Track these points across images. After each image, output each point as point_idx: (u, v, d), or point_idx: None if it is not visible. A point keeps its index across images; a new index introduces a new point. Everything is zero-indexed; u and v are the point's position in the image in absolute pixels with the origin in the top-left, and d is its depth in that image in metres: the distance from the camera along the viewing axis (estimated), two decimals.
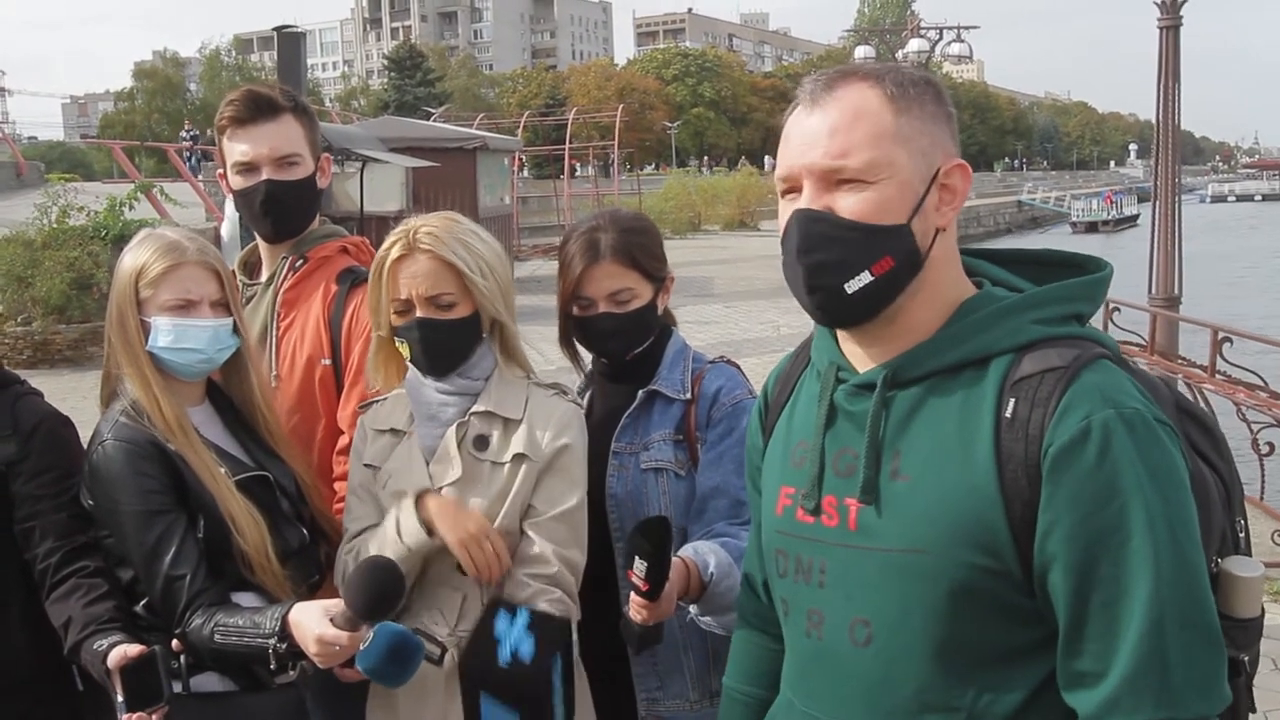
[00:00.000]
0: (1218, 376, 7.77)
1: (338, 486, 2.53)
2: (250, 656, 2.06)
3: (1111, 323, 9.08)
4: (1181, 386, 7.60)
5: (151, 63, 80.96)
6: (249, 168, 2.62)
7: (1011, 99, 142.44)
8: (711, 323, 15.50)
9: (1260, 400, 7.35)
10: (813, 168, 1.49)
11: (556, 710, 2.23)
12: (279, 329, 2.66)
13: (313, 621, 1.98)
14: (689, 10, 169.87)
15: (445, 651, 2.15)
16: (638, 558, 1.90)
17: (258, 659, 2.05)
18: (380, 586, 1.94)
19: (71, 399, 7.23)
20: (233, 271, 2.47)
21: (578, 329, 2.45)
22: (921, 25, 31.05)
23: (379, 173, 15.24)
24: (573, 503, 2.25)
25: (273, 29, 15.59)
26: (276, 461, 2.34)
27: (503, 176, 21.20)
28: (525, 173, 45.34)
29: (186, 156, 27.41)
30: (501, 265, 2.31)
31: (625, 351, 2.44)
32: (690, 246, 28.52)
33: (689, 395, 2.42)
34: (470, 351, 2.30)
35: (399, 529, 2.20)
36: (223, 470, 2.22)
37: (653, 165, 77.01)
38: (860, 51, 28.69)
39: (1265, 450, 6.98)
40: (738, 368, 2.52)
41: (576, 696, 2.28)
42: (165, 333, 2.22)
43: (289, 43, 14.82)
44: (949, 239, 1.53)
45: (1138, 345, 8.93)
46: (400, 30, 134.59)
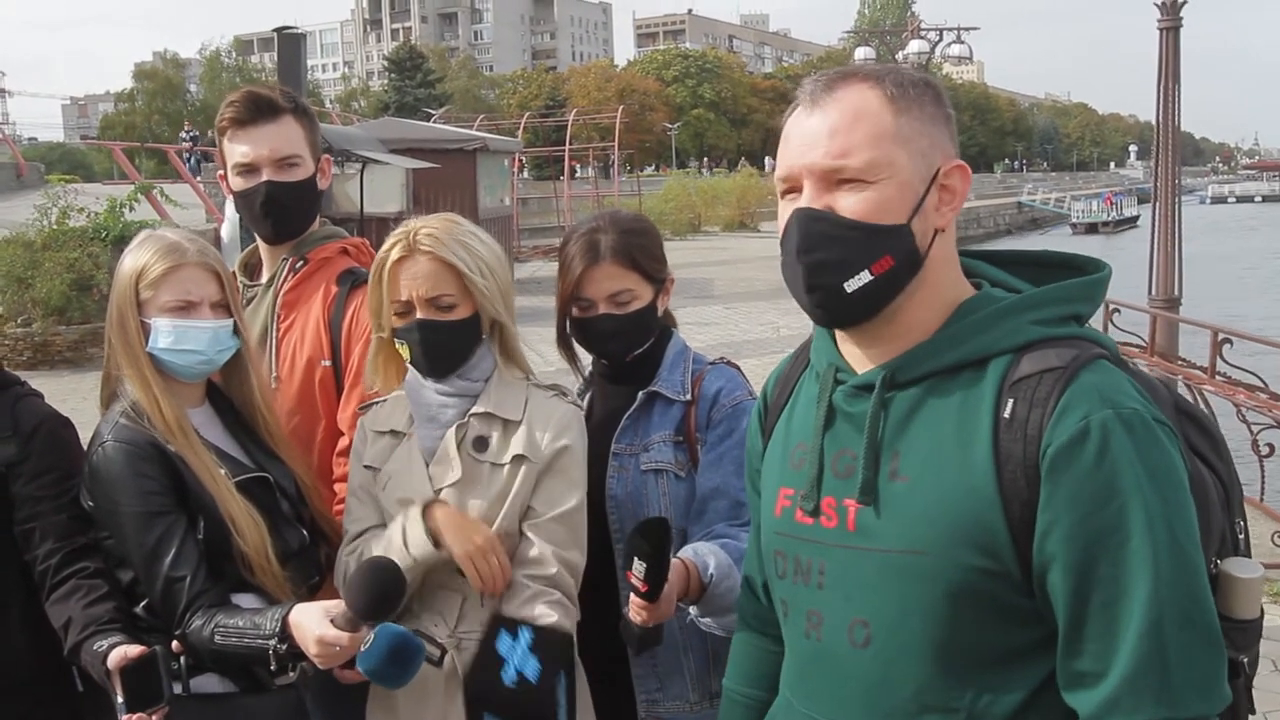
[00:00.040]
0: (1218, 378, 7.76)
1: (338, 488, 2.53)
2: (250, 658, 2.06)
3: (1111, 324, 9.08)
4: (1181, 388, 7.59)
5: (152, 64, 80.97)
6: (249, 169, 2.62)
7: (1011, 100, 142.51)
8: (711, 324, 15.49)
9: (1260, 401, 7.35)
10: (813, 168, 1.49)
11: None
12: (279, 330, 2.66)
13: (313, 622, 1.99)
14: (689, 11, 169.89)
15: (445, 653, 2.15)
16: (637, 559, 1.90)
17: (258, 660, 2.05)
18: (382, 587, 1.94)
19: (71, 400, 7.23)
20: (233, 273, 2.47)
21: (578, 330, 2.45)
22: (921, 26, 31.06)
23: (379, 174, 15.25)
24: (572, 504, 2.25)
25: (273, 30, 15.58)
26: (276, 463, 2.34)
27: (503, 178, 21.20)
28: (525, 174, 45.36)
29: (186, 157, 27.39)
30: (501, 266, 2.32)
31: (625, 353, 2.44)
32: (690, 248, 28.52)
33: (689, 396, 2.42)
34: (470, 353, 2.30)
35: (405, 539, 2.19)
36: (223, 471, 2.22)
37: (653, 166, 77.09)
38: (860, 53, 28.67)
39: (1265, 451, 6.96)
40: (738, 369, 2.52)
41: (577, 700, 2.28)
42: (165, 334, 2.22)
43: (289, 44, 14.81)
44: (948, 240, 1.54)
45: (1138, 346, 8.93)
46: (400, 31, 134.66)
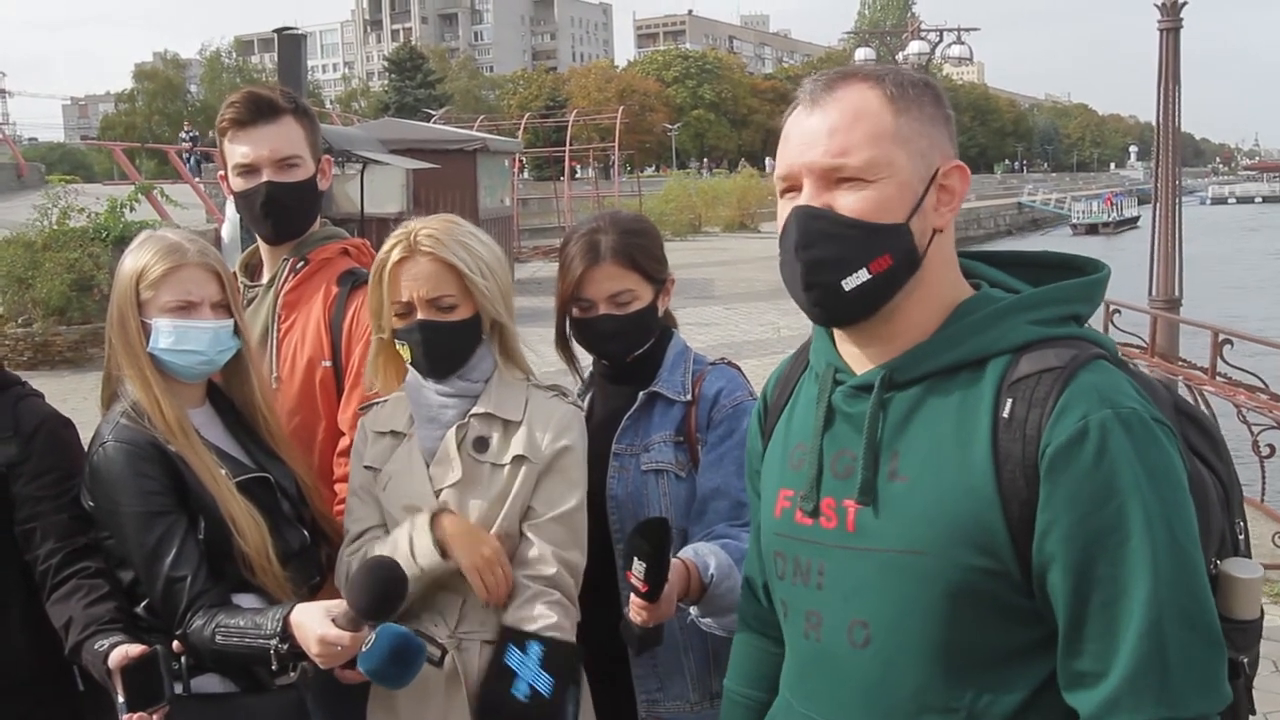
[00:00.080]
0: (1218, 378, 7.75)
1: (338, 488, 2.53)
2: (251, 657, 2.06)
3: (1112, 324, 9.06)
4: (1182, 389, 7.59)
5: (152, 64, 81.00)
6: (250, 169, 2.62)
7: (1012, 101, 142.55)
8: (712, 324, 15.49)
9: (1261, 402, 7.33)
10: (812, 166, 1.49)
11: None
12: (280, 331, 2.66)
13: (314, 622, 1.99)
14: (689, 12, 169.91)
15: (445, 653, 2.15)
16: (637, 559, 1.90)
17: (259, 660, 2.05)
18: (383, 587, 1.94)
19: (72, 400, 7.23)
20: (234, 273, 2.47)
21: (578, 330, 2.45)
22: (922, 27, 31.07)
23: (379, 174, 15.26)
24: (572, 504, 2.25)
25: (273, 30, 15.58)
26: (277, 463, 2.35)
27: (503, 178, 21.20)
28: (525, 174, 45.38)
29: (186, 158, 27.40)
30: (501, 267, 2.32)
31: (625, 353, 2.44)
32: (690, 248, 28.50)
33: (689, 397, 2.42)
34: (470, 354, 2.30)
35: (413, 548, 2.19)
36: (223, 472, 2.22)
37: (653, 167, 77.10)
38: (860, 53, 28.66)
39: (1266, 452, 6.95)
40: (738, 369, 2.52)
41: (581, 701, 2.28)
42: (166, 334, 2.22)
43: (289, 44, 14.82)
44: (947, 240, 1.54)
45: (1138, 347, 8.92)
46: (400, 32, 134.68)
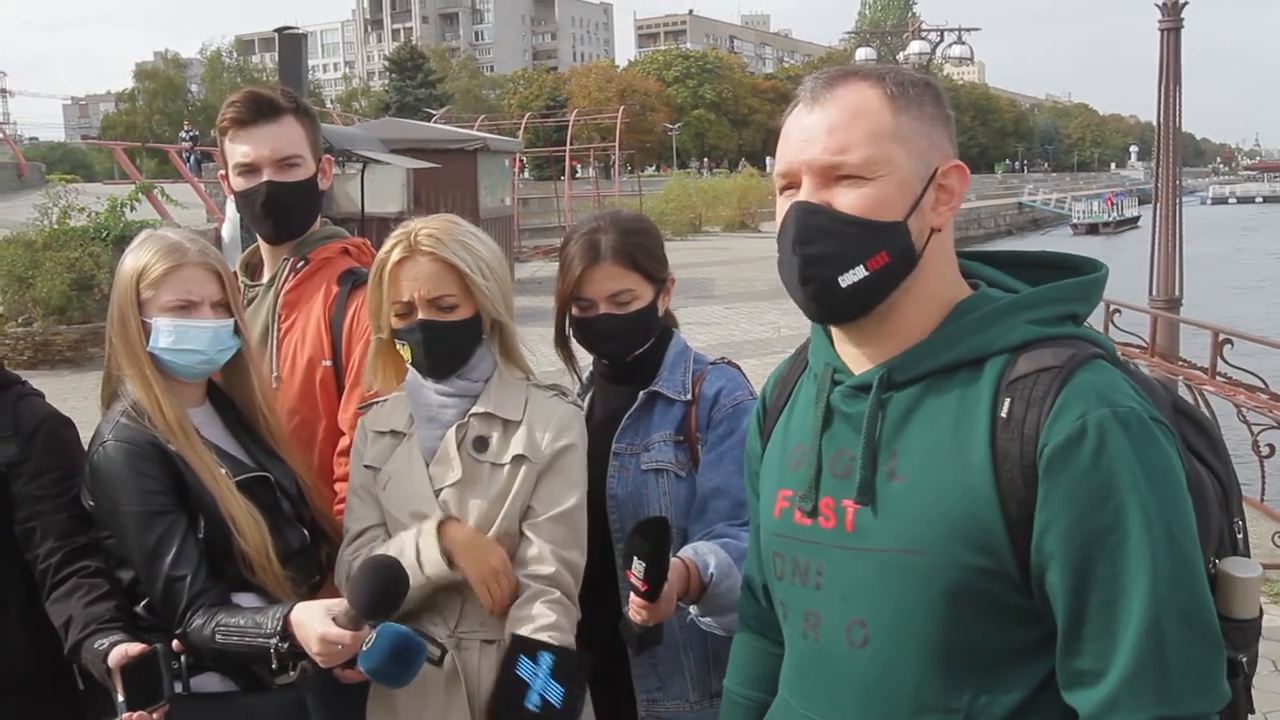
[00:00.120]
0: (1218, 378, 7.75)
1: (338, 488, 2.53)
2: (251, 656, 2.06)
3: (1112, 324, 9.06)
4: (1182, 389, 7.59)
5: (152, 64, 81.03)
6: (250, 169, 2.62)
7: (1012, 101, 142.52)
8: (712, 324, 15.49)
9: (1261, 402, 7.33)
10: (812, 164, 1.49)
11: None
12: (280, 330, 2.66)
13: (315, 621, 1.99)
14: (690, 12, 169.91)
15: (445, 652, 2.15)
16: (636, 558, 1.90)
17: (259, 659, 2.05)
18: (384, 586, 1.94)
19: (72, 400, 7.23)
20: (234, 273, 2.47)
21: (578, 330, 2.45)
22: (922, 27, 31.06)
23: (380, 174, 15.25)
24: (571, 503, 2.25)
25: (274, 30, 15.60)
26: (277, 462, 2.35)
27: (503, 178, 21.20)
28: (526, 174, 45.38)
29: (186, 157, 27.41)
30: (501, 266, 2.32)
31: (625, 353, 2.44)
32: (691, 248, 28.51)
33: (690, 396, 2.42)
34: (471, 353, 2.31)
35: (420, 558, 2.18)
36: (223, 471, 2.22)
37: (653, 167, 77.11)
38: (861, 53, 28.66)
39: (1266, 452, 6.95)
40: (738, 369, 2.52)
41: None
42: (166, 334, 2.22)
43: (290, 44, 14.83)
44: (945, 240, 1.54)
45: (1138, 347, 8.92)
46: (401, 32, 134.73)
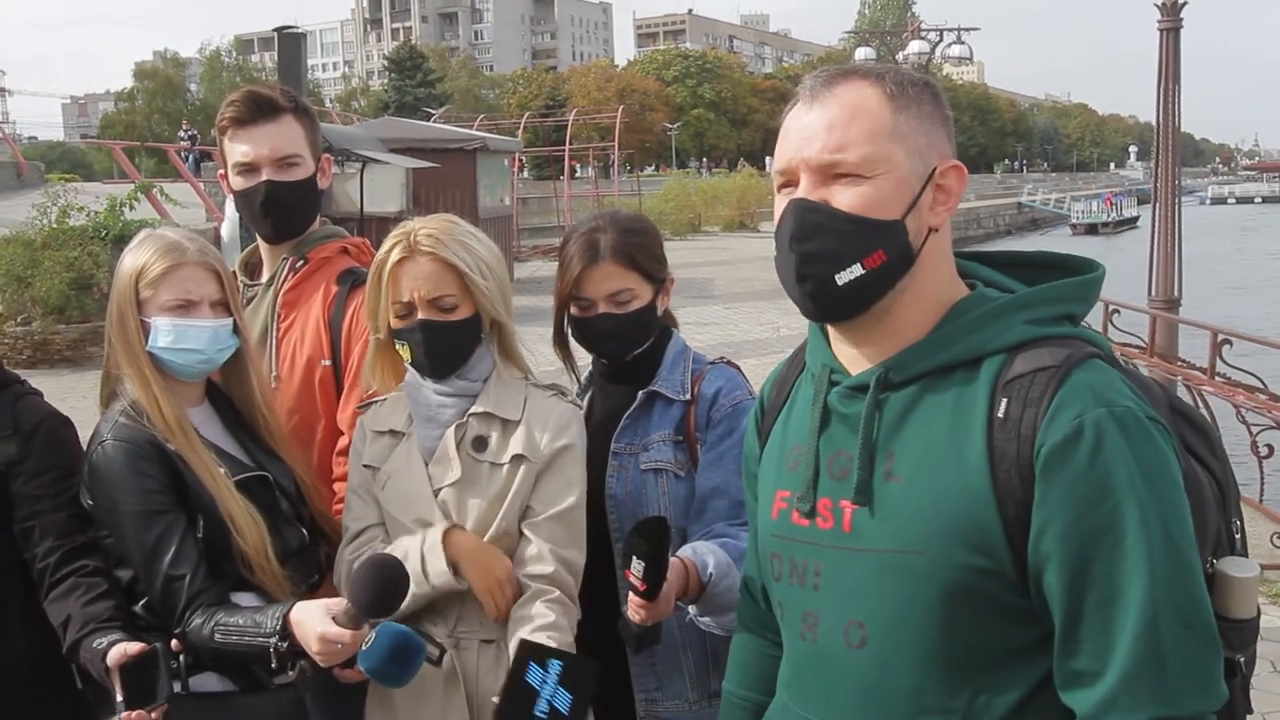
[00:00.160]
0: (1217, 379, 7.75)
1: (337, 487, 2.53)
2: (251, 656, 2.06)
3: (1111, 324, 9.07)
4: (1181, 389, 7.59)
5: (152, 63, 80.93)
6: (249, 168, 2.62)
7: (1012, 101, 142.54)
8: (711, 324, 15.49)
9: (1260, 402, 7.33)
10: (810, 161, 1.49)
11: None
12: (279, 329, 2.66)
13: (315, 620, 1.99)
14: (689, 11, 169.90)
15: (444, 652, 2.15)
16: (635, 558, 1.90)
17: (258, 658, 2.06)
18: (385, 585, 1.94)
19: (71, 399, 7.23)
20: (233, 272, 2.47)
21: (577, 329, 2.45)
22: (922, 27, 31.09)
23: (379, 173, 15.25)
24: (570, 502, 2.25)
25: (273, 29, 15.57)
26: (276, 462, 2.35)
27: (503, 177, 21.20)
28: (525, 174, 45.35)
29: (185, 156, 27.40)
30: (500, 266, 2.32)
31: (625, 352, 2.44)
32: (690, 248, 28.51)
33: (689, 396, 2.42)
34: (470, 353, 2.31)
35: (425, 568, 2.18)
36: (222, 470, 2.22)
37: (653, 166, 77.11)
38: (861, 53, 28.72)
39: (1264, 452, 6.95)
40: (738, 369, 2.52)
41: None
42: (165, 333, 2.22)
43: (289, 43, 14.81)
44: (942, 240, 1.54)
45: (1138, 347, 8.92)
46: (400, 31, 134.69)
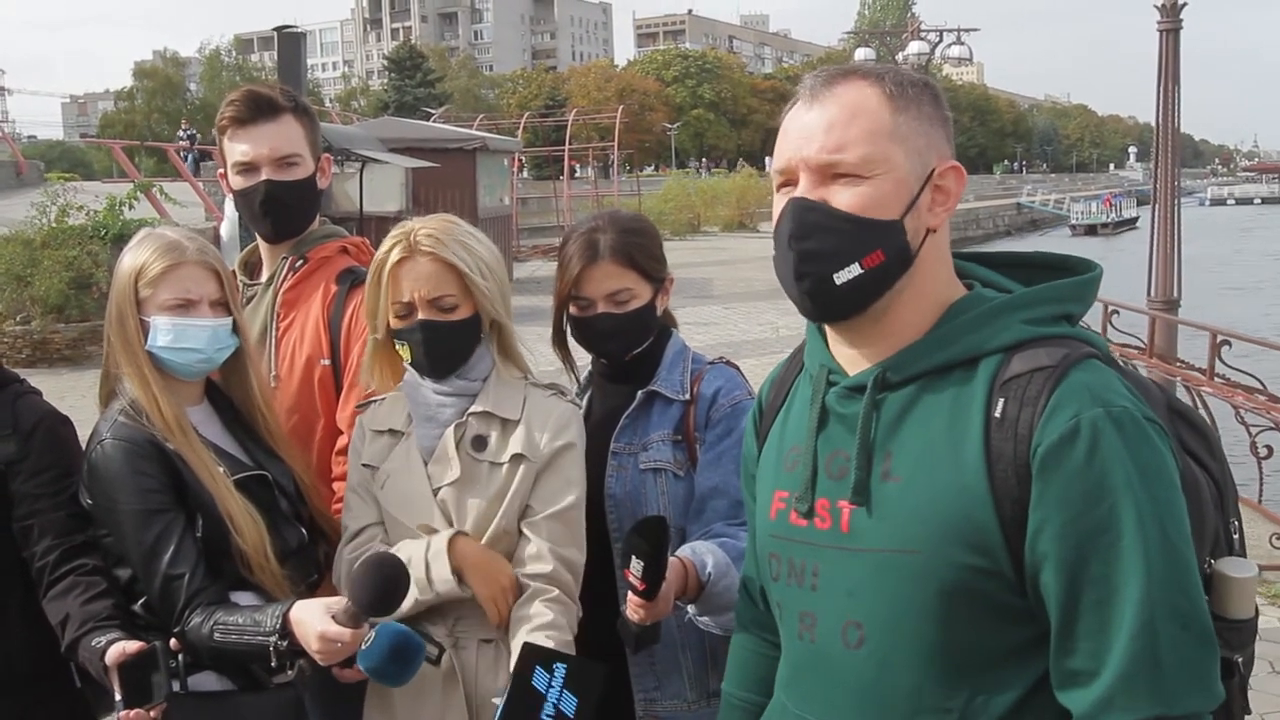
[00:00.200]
0: (1216, 379, 7.75)
1: (337, 486, 2.53)
2: (250, 655, 2.06)
3: (1111, 325, 9.07)
4: (1180, 390, 7.59)
5: (151, 62, 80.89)
6: (249, 168, 2.62)
7: (1011, 101, 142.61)
8: (710, 324, 15.50)
9: (1259, 403, 7.33)
10: (809, 161, 1.49)
11: None
12: (279, 329, 2.66)
13: (315, 618, 1.99)
14: (689, 12, 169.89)
15: (443, 652, 2.15)
16: (635, 557, 1.90)
17: (257, 657, 2.06)
18: (386, 583, 1.94)
19: (70, 398, 7.23)
20: (233, 272, 2.47)
21: (576, 329, 2.45)
22: (921, 27, 31.10)
23: (379, 173, 15.26)
24: (569, 501, 2.25)
25: (273, 29, 15.58)
26: (276, 461, 2.35)
27: (502, 177, 21.20)
28: (525, 174, 45.31)
29: (184, 156, 27.39)
30: (500, 266, 2.32)
31: (624, 352, 2.45)
32: (689, 248, 28.52)
33: (688, 396, 2.42)
34: (470, 353, 2.31)
35: (430, 575, 2.18)
36: (221, 469, 2.22)
37: (652, 166, 77.10)
38: (860, 53, 28.71)
39: (1264, 453, 6.95)
40: (737, 369, 2.52)
41: None
42: (164, 332, 2.22)
43: (289, 43, 14.81)
44: (940, 240, 1.54)
45: (1137, 348, 8.92)
46: (400, 31, 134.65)
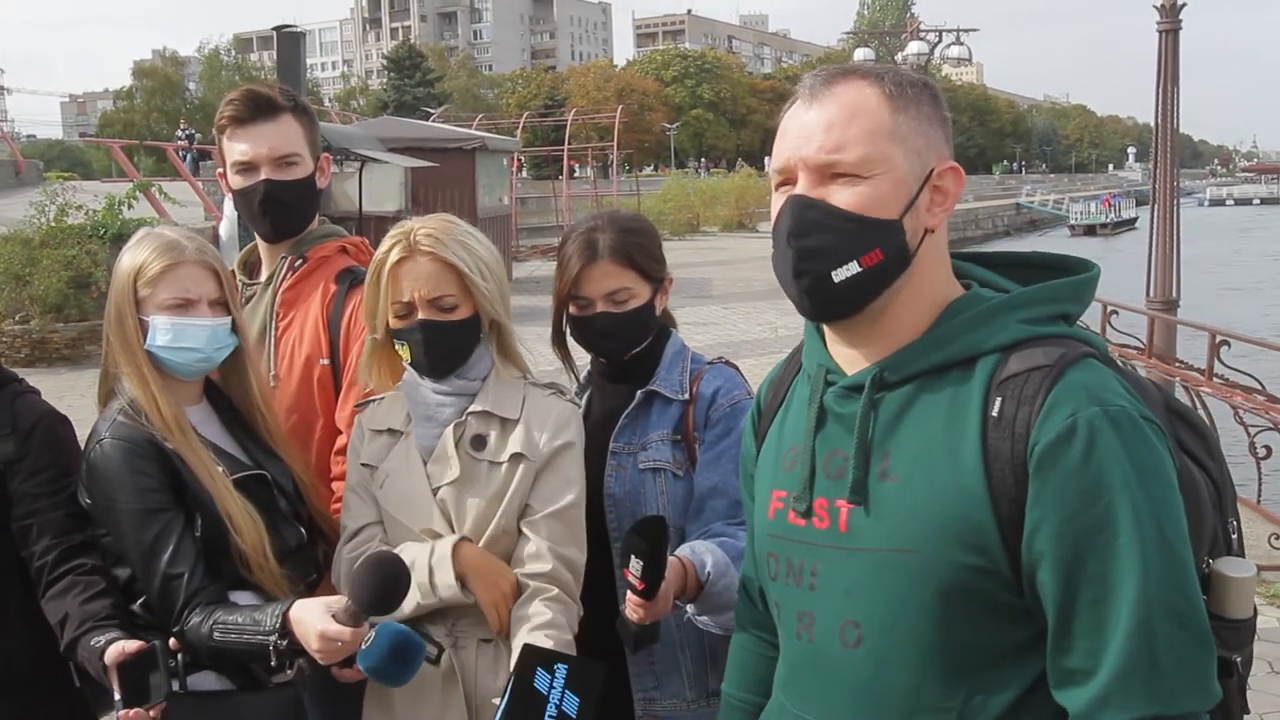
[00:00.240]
0: (1215, 380, 7.76)
1: (336, 486, 2.53)
2: (250, 654, 2.06)
3: (1110, 325, 9.08)
4: (1179, 390, 7.60)
5: (151, 62, 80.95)
6: (248, 167, 2.62)
7: (1010, 102, 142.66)
8: (710, 324, 15.50)
9: (1257, 403, 7.34)
10: (808, 160, 1.49)
11: None
12: (278, 328, 2.66)
13: (314, 618, 1.99)
14: (688, 11, 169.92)
15: (443, 651, 2.15)
16: (634, 557, 1.90)
17: (257, 657, 2.06)
18: (387, 582, 1.94)
19: (69, 397, 7.23)
20: (232, 271, 2.47)
21: (575, 328, 2.45)
22: (921, 28, 31.06)
23: (378, 173, 15.26)
24: (569, 500, 2.25)
25: (272, 28, 15.55)
26: (275, 461, 2.35)
27: (501, 177, 21.19)
28: (524, 173, 45.25)
29: (183, 155, 27.38)
30: (499, 266, 2.32)
31: (623, 351, 2.45)
32: (688, 248, 28.52)
33: (687, 396, 2.42)
34: (470, 353, 2.31)
35: (433, 581, 2.18)
36: (220, 469, 2.22)
37: (651, 166, 77.13)
38: (860, 53, 28.68)
39: (1262, 454, 6.96)
40: (736, 369, 2.52)
41: None
42: (163, 332, 2.22)
43: (288, 42, 14.78)
44: (938, 240, 1.54)
45: (1136, 349, 8.93)
46: (400, 30, 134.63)
